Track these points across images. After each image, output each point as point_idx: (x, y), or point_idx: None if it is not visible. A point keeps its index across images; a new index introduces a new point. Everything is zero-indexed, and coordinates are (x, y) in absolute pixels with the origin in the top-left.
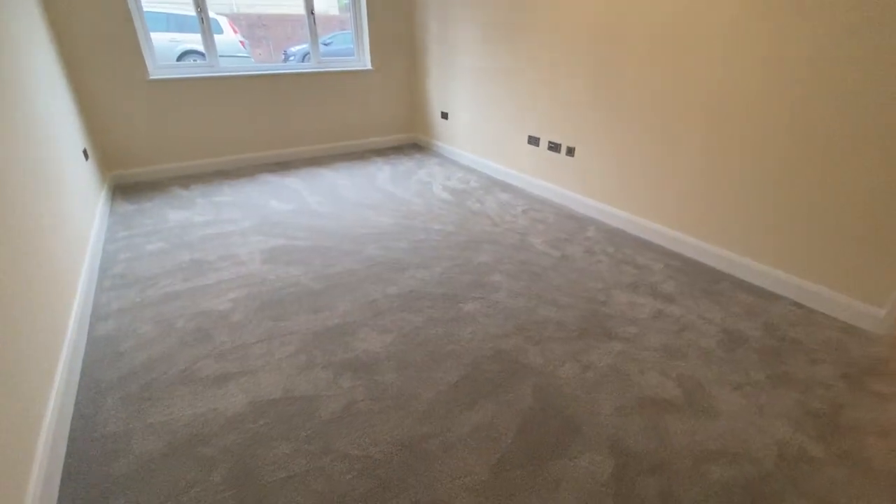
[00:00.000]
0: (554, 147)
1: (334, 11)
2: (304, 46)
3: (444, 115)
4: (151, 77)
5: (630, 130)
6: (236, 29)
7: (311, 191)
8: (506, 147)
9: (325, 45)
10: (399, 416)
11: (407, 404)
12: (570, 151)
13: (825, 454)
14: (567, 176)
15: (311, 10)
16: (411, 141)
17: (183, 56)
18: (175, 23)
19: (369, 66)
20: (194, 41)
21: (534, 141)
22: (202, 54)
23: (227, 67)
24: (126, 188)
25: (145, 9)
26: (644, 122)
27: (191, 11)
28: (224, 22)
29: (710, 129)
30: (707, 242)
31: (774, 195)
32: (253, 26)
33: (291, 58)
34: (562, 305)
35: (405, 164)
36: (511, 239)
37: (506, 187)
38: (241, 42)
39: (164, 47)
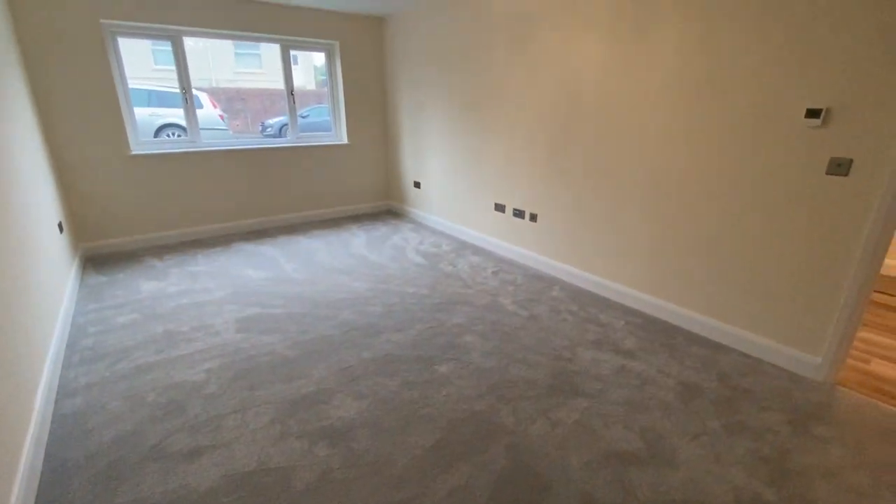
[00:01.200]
0: (518, 213)
1: (311, 86)
2: (281, 118)
3: (417, 185)
4: (133, 153)
5: (584, 199)
6: (216, 104)
7: (286, 258)
8: (475, 213)
9: (303, 117)
10: (375, 483)
11: (382, 470)
12: (533, 217)
13: (777, 499)
14: (532, 240)
15: (290, 91)
16: (386, 208)
17: (161, 129)
18: (156, 98)
19: (346, 141)
20: (173, 115)
21: (500, 208)
22: (180, 127)
23: (207, 143)
24: (98, 260)
25: (130, 86)
26: (595, 192)
27: (172, 87)
28: (205, 97)
29: (652, 198)
30: (661, 299)
31: (713, 256)
32: (232, 100)
33: (269, 129)
34: (531, 364)
35: (380, 230)
36: (483, 300)
37: (477, 250)
38: (220, 116)
39: (144, 121)
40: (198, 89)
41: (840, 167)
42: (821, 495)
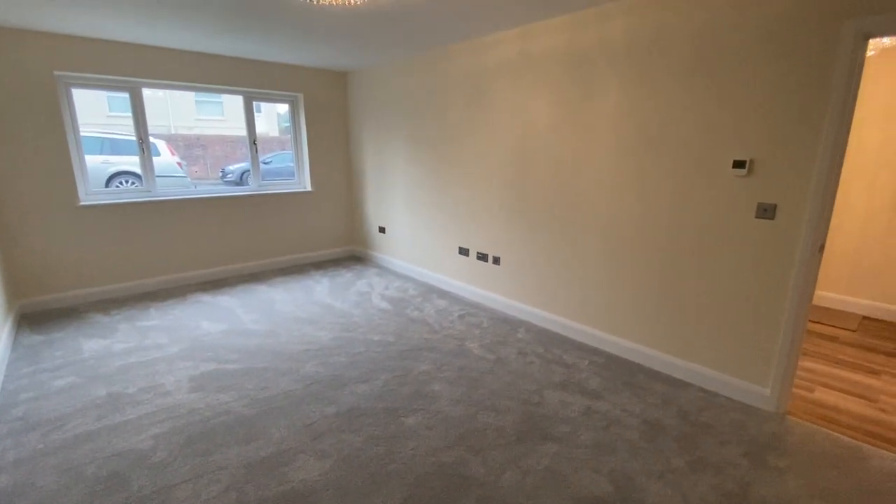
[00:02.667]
0: (482, 257)
1: (274, 133)
2: (242, 164)
3: (382, 230)
4: (82, 203)
5: (543, 242)
6: (173, 151)
7: (245, 309)
8: (440, 257)
9: (265, 163)
10: None
11: None
12: (496, 261)
13: None
14: (496, 282)
15: (253, 140)
16: (350, 253)
17: (114, 176)
18: (109, 146)
19: (309, 188)
20: (127, 163)
21: (464, 252)
22: (134, 174)
23: (163, 192)
24: (36, 317)
25: (82, 133)
26: (553, 236)
27: (127, 135)
28: (162, 144)
29: (606, 242)
30: (621, 338)
31: (665, 296)
32: (191, 146)
33: (229, 175)
34: (500, 410)
35: (344, 276)
36: (449, 345)
37: (443, 294)
38: (178, 163)
39: (96, 169)
40: (155, 136)
41: (766, 212)
42: None
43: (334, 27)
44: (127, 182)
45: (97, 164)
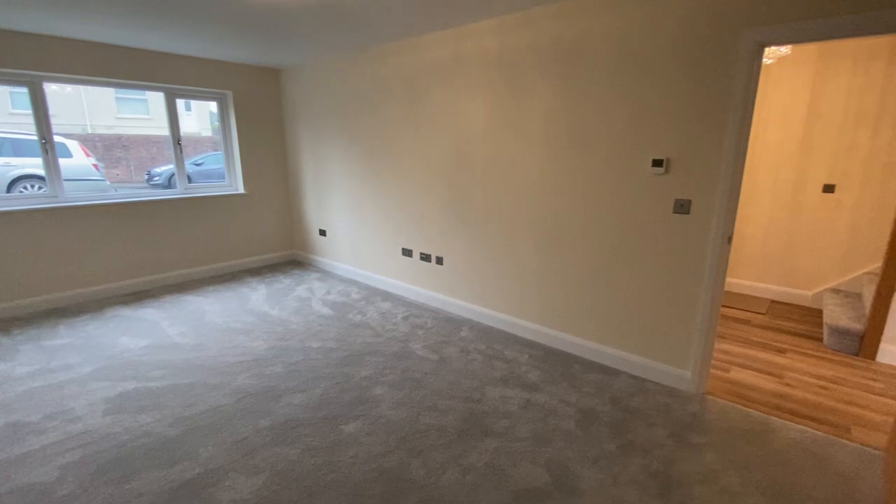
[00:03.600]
0: (425, 257)
1: (207, 132)
2: (171, 167)
3: (323, 232)
4: None
5: (484, 241)
6: (88, 153)
7: (171, 321)
8: (383, 259)
9: (197, 165)
10: None
11: None
12: (440, 261)
13: None
14: (440, 282)
15: (177, 140)
16: (290, 258)
17: (17, 181)
18: (10, 147)
19: (242, 190)
20: (33, 165)
21: (407, 252)
22: (41, 178)
23: (73, 197)
24: None
25: None
26: (492, 234)
27: (31, 135)
28: (75, 145)
29: (540, 237)
30: (558, 331)
31: (595, 287)
32: (111, 147)
33: (156, 178)
34: (442, 410)
35: (282, 282)
36: (393, 347)
37: (387, 296)
38: (94, 165)
39: None
40: (67, 136)
41: (682, 207)
42: (700, 500)
43: (259, 22)
44: (33, 187)
45: None
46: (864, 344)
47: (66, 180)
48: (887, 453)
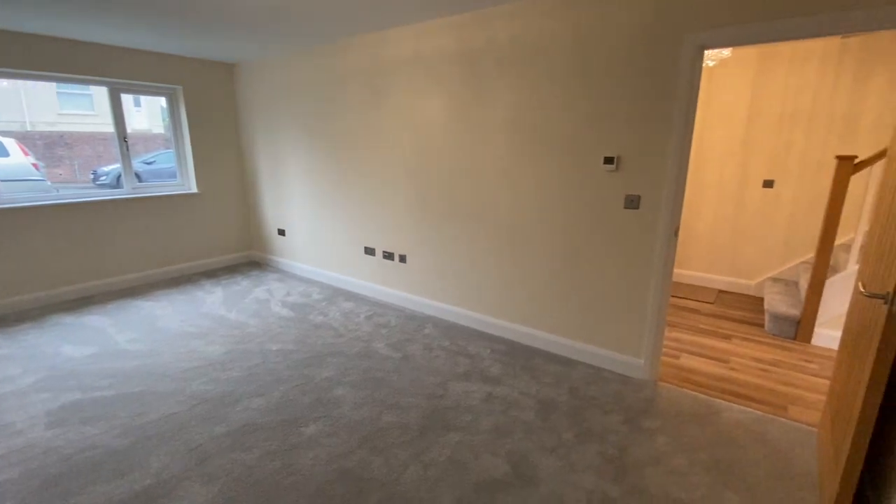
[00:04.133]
0: (388, 256)
1: (159, 129)
2: (118, 166)
3: (281, 232)
4: None
5: (446, 238)
6: (27, 151)
7: (119, 327)
8: (345, 258)
9: (148, 164)
10: None
11: None
12: (403, 259)
13: (620, 493)
14: (403, 280)
15: (123, 137)
16: (247, 259)
17: None
18: None
19: (195, 189)
20: None
21: (370, 251)
22: None
23: (10, 198)
24: None
25: None
26: (456, 233)
27: None
28: (11, 143)
29: (501, 234)
30: (519, 325)
31: (553, 281)
32: (53, 145)
33: (103, 177)
34: (404, 407)
35: (240, 284)
36: (356, 347)
37: (349, 296)
38: (33, 164)
39: None
40: (3, 134)
41: (633, 202)
42: (651, 482)
43: (209, 15)
44: None
45: None
46: (800, 328)
47: (1, 181)
48: (820, 429)
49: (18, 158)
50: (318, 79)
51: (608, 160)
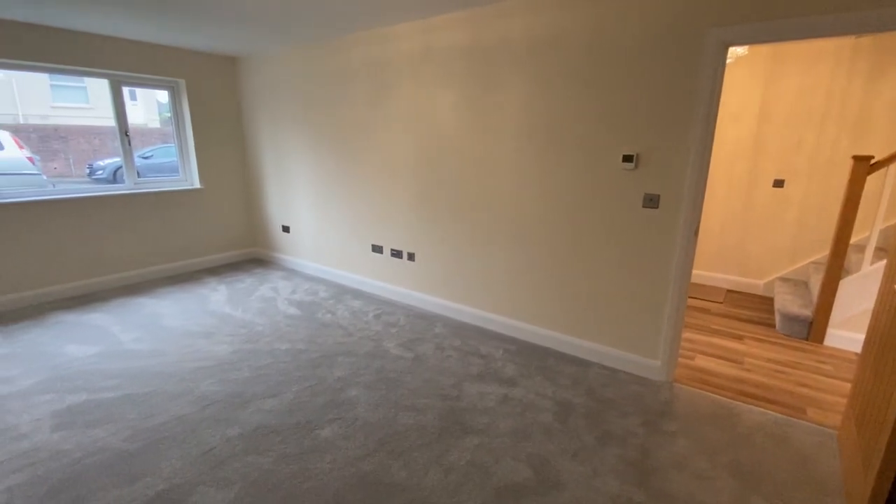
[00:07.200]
0: (396, 254)
1: (155, 124)
2: (115, 160)
3: (286, 229)
4: None
5: (456, 237)
6: (22, 144)
7: (123, 326)
8: (352, 256)
9: (145, 158)
10: None
11: None
12: (411, 257)
13: (645, 498)
14: (412, 279)
15: (125, 131)
16: (251, 256)
17: None
18: None
19: (197, 185)
20: None
21: (378, 249)
22: None
23: (6, 193)
24: None
25: None
26: (464, 229)
27: None
28: (7, 136)
29: (512, 232)
30: (532, 324)
31: (567, 281)
32: (47, 138)
33: (99, 172)
34: (420, 409)
35: (245, 282)
36: (366, 347)
37: (357, 294)
38: (28, 158)
39: None
40: None
41: (652, 201)
42: (675, 486)
43: (215, 6)
44: None
45: None
46: (812, 329)
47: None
48: (842, 432)
49: (13, 152)
50: (324, 73)
51: (627, 158)
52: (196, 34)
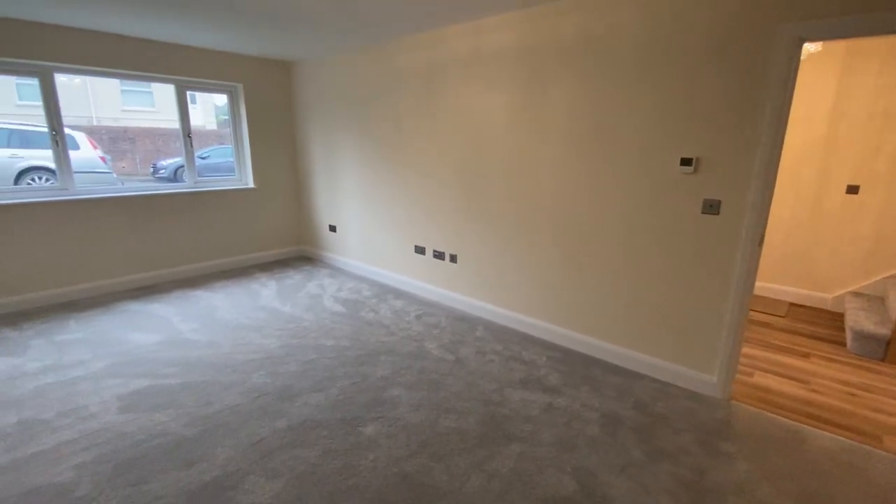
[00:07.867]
0: (439, 255)
1: (212, 126)
2: (176, 160)
3: (333, 228)
4: None
5: (500, 240)
6: (95, 145)
7: (182, 317)
8: (395, 256)
9: (202, 158)
10: None
11: None
12: (454, 258)
13: None
14: (453, 281)
15: (188, 133)
16: (299, 254)
17: (24, 173)
18: (18, 139)
19: (251, 185)
20: (40, 157)
21: (420, 250)
22: (49, 170)
23: (83, 190)
24: None
25: None
26: (509, 233)
27: (39, 126)
28: (82, 137)
29: (560, 237)
30: (577, 332)
31: (617, 289)
32: (117, 139)
33: (162, 171)
34: (461, 412)
35: (293, 278)
36: (408, 347)
37: (399, 294)
38: (101, 157)
39: (2, 164)
40: (74, 128)
41: (712, 207)
42: None
43: (272, 14)
44: (40, 178)
45: (4, 158)
46: (890, 349)
47: (75, 173)
48: None
49: (88, 152)
50: (373, 77)
51: (685, 161)
52: (255, 40)
